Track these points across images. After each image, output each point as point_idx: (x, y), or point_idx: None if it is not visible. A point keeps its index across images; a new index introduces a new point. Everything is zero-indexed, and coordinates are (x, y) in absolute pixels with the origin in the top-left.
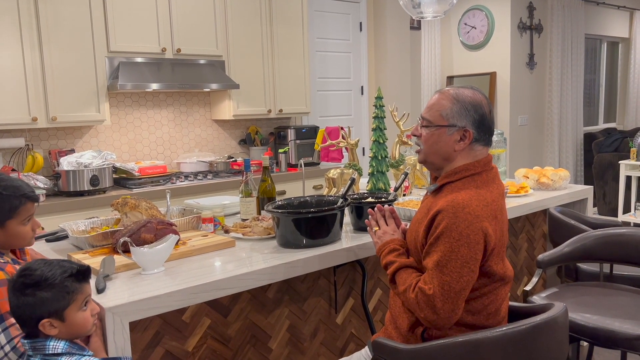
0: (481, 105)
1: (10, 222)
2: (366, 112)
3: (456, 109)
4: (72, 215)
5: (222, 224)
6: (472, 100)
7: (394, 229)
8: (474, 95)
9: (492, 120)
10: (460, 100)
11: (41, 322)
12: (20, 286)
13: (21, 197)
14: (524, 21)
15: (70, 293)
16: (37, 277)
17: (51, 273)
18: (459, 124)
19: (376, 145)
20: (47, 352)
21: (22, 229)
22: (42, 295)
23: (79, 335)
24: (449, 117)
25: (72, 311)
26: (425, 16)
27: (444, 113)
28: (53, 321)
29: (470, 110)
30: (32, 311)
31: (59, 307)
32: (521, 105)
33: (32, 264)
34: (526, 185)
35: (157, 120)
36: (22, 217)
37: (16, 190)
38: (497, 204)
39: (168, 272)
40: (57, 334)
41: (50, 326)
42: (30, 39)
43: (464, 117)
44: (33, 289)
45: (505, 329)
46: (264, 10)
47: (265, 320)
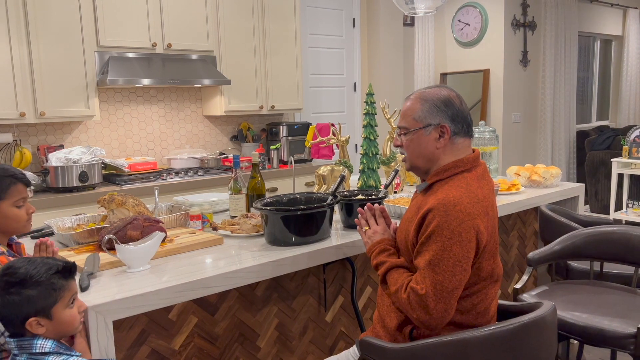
0: (449, 98)
1: (3, 204)
2: (359, 109)
3: (426, 109)
4: (61, 212)
5: (211, 221)
6: (439, 97)
7: (384, 228)
8: (441, 92)
9: (465, 111)
10: (428, 100)
11: (28, 321)
12: (5, 285)
13: (10, 178)
14: (517, 18)
15: (56, 290)
16: (21, 275)
17: (36, 270)
18: (433, 121)
19: (367, 142)
20: (33, 351)
21: (15, 211)
22: (28, 293)
23: (66, 333)
24: (422, 119)
25: (60, 309)
26: (417, 12)
27: (416, 116)
28: (40, 320)
29: (440, 107)
30: (18, 310)
31: (45, 304)
32: (514, 102)
33: (15, 262)
34: (518, 183)
35: (147, 116)
36: (14, 198)
37: (5, 171)
38: (488, 201)
39: (154, 270)
40: (45, 332)
41: (38, 325)
42: (18, 33)
43: (436, 114)
44: (18, 288)
45: (493, 328)
46: (256, 5)
47: (253, 319)
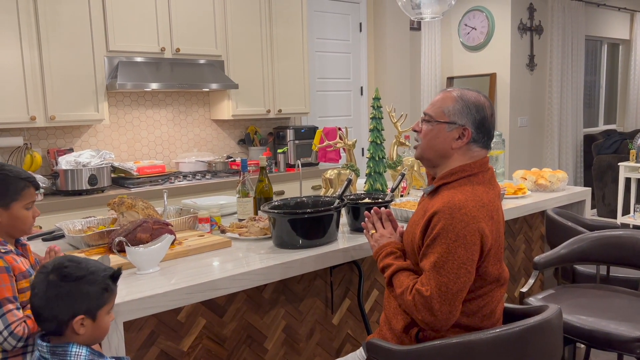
0: (484, 107)
1: (15, 205)
2: (365, 113)
3: (458, 107)
4: (70, 215)
5: (219, 224)
6: (475, 101)
7: (390, 231)
8: (478, 97)
9: (493, 124)
10: (464, 100)
11: (76, 318)
12: (64, 277)
13: (25, 181)
14: (524, 22)
15: (108, 292)
16: (83, 270)
17: (96, 268)
18: (459, 122)
19: (373, 146)
20: (68, 359)
21: (24, 213)
22: (86, 289)
23: (98, 340)
24: (450, 114)
25: (104, 312)
26: (423, 17)
27: (445, 110)
28: (85, 320)
29: (472, 110)
30: (71, 304)
31: (97, 304)
32: (521, 106)
33: (68, 258)
34: (524, 187)
35: (156, 119)
36: (26, 201)
37: (20, 174)
38: (494, 205)
39: (163, 272)
40: (83, 334)
41: (81, 325)
42: (29, 37)
43: (465, 116)
44: (78, 282)
45: (498, 331)
46: (264, 10)
47: (261, 321)
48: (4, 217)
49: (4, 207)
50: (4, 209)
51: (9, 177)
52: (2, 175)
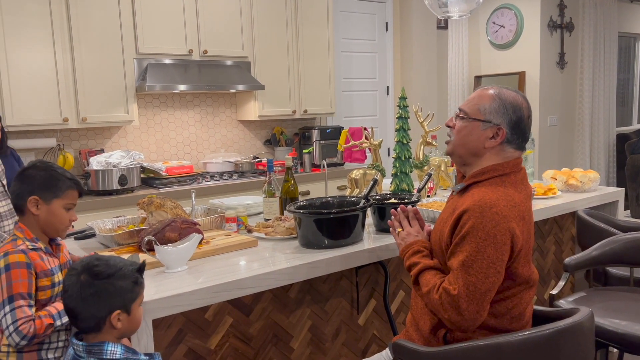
0: (521, 107)
1: (56, 201)
2: (391, 113)
3: (495, 106)
4: (101, 214)
5: (245, 223)
6: (512, 101)
7: (417, 230)
8: (516, 97)
9: (529, 126)
10: (501, 98)
11: (113, 313)
12: (97, 275)
13: (71, 181)
14: (554, 20)
15: (138, 286)
16: (113, 267)
17: (123, 264)
18: (495, 121)
19: (400, 145)
20: (104, 357)
21: (62, 212)
22: (120, 284)
23: (132, 332)
24: (486, 113)
25: (136, 305)
26: (450, 16)
27: (481, 108)
28: (121, 314)
29: (508, 110)
30: (108, 300)
31: (130, 298)
32: (551, 105)
33: (96, 257)
34: (554, 187)
35: (184, 120)
36: (66, 201)
37: (67, 174)
38: (525, 206)
39: (191, 271)
40: (120, 328)
41: (118, 320)
42: (62, 41)
43: (501, 116)
44: (111, 279)
45: (528, 333)
46: (290, 11)
47: (286, 320)
48: (43, 210)
49: (46, 201)
50: (45, 202)
51: (56, 174)
52: (51, 171)
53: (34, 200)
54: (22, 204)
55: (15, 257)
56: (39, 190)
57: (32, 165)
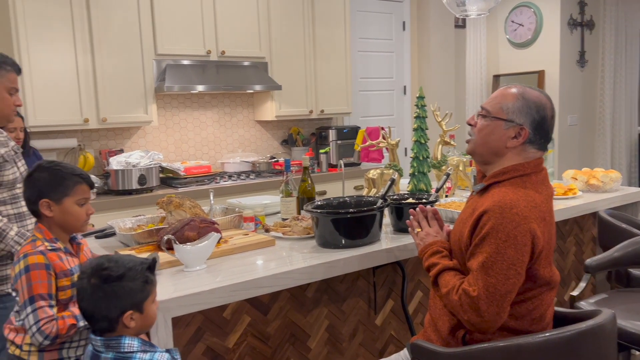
0: (545, 107)
1: (67, 200)
2: (408, 112)
3: (518, 105)
4: (121, 213)
5: (263, 223)
6: (536, 100)
7: (436, 230)
8: (540, 97)
9: (552, 126)
10: (525, 98)
11: (125, 314)
12: (106, 278)
13: (77, 177)
14: (574, 17)
15: (149, 284)
16: (122, 268)
17: (133, 264)
18: (517, 120)
19: (417, 145)
20: (122, 350)
21: (77, 209)
22: (130, 286)
23: (147, 328)
24: (509, 112)
25: (149, 303)
26: (469, 14)
27: (504, 106)
28: (134, 314)
29: (532, 109)
30: (118, 302)
31: (141, 298)
32: (571, 104)
33: (104, 259)
34: (575, 187)
35: (202, 121)
36: (78, 197)
37: (73, 170)
38: (546, 206)
39: (210, 270)
40: (134, 326)
41: (131, 319)
42: (82, 43)
43: (524, 115)
44: (120, 281)
45: (548, 335)
46: (307, 11)
47: (304, 320)
48: (56, 211)
49: (56, 202)
50: (56, 203)
51: (62, 173)
52: (56, 170)
53: (45, 204)
54: (35, 208)
55: (34, 258)
56: (47, 192)
57: (36, 167)
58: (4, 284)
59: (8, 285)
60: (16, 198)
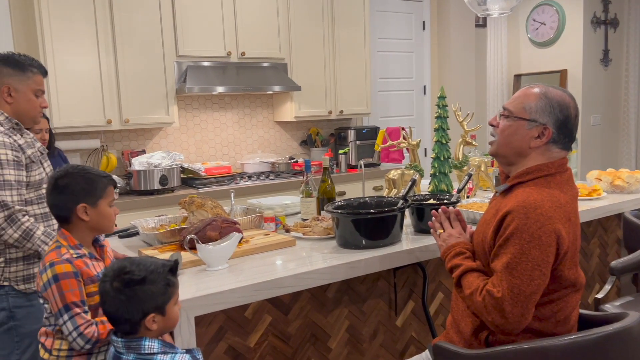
0: (568, 107)
1: (101, 202)
2: (428, 112)
3: (541, 105)
4: (143, 213)
5: (283, 223)
6: (559, 100)
7: (459, 231)
8: (563, 96)
9: (576, 125)
10: (548, 97)
11: (147, 317)
12: (128, 282)
13: (107, 179)
14: (597, 16)
15: (170, 287)
16: (143, 272)
17: (154, 267)
18: (541, 120)
19: (438, 145)
20: (142, 352)
21: (109, 210)
22: (151, 289)
23: (170, 329)
24: (532, 112)
25: (171, 305)
26: (491, 13)
27: (527, 106)
28: (156, 316)
29: (555, 109)
30: (140, 306)
31: (163, 301)
32: (594, 104)
33: (126, 262)
34: (599, 188)
35: (222, 122)
36: (109, 198)
37: (101, 173)
38: (571, 206)
39: (231, 269)
40: (156, 329)
41: (153, 322)
42: (105, 45)
43: (547, 115)
44: (141, 285)
45: (574, 337)
46: (326, 12)
47: (324, 320)
48: (92, 214)
49: (93, 205)
50: (92, 207)
51: (92, 176)
52: (89, 175)
53: (82, 209)
54: (69, 215)
55: (61, 267)
56: (83, 197)
57: (64, 173)
58: (31, 282)
59: (35, 284)
60: (42, 198)
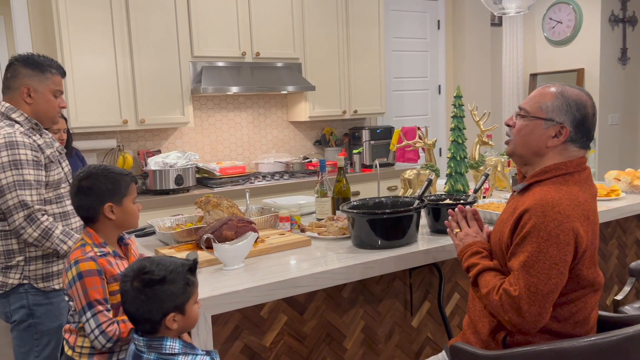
0: (585, 105)
1: (126, 200)
2: (443, 112)
3: (557, 104)
4: (159, 213)
5: (299, 223)
6: (576, 98)
7: (476, 231)
8: (580, 94)
9: (594, 124)
10: (564, 96)
11: (168, 316)
12: (148, 282)
13: (128, 176)
14: (615, 14)
15: (190, 286)
16: (163, 271)
17: (173, 267)
18: (557, 119)
19: (455, 145)
20: (164, 352)
21: (133, 207)
22: (171, 289)
23: (189, 328)
24: (548, 111)
25: (191, 304)
26: (507, 12)
27: (543, 106)
28: (176, 315)
29: (572, 108)
30: (160, 306)
31: (183, 300)
32: (612, 103)
33: (146, 262)
34: (617, 188)
35: (237, 122)
36: (133, 196)
37: (123, 171)
38: (590, 205)
39: (247, 269)
40: (177, 328)
41: (173, 321)
42: (122, 46)
43: (564, 114)
44: (161, 285)
45: (594, 339)
46: (341, 11)
47: (340, 320)
48: (118, 212)
49: (118, 204)
50: (118, 205)
51: (115, 175)
52: (112, 175)
53: (108, 208)
54: (95, 214)
55: (85, 265)
56: (108, 196)
57: (87, 175)
58: (50, 280)
59: (54, 282)
60: (60, 197)
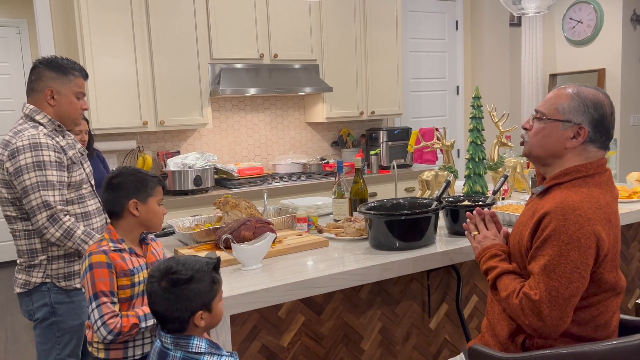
0: (602, 104)
1: (151, 200)
2: (462, 113)
3: (574, 105)
4: (178, 213)
5: (316, 223)
6: (593, 98)
7: (495, 233)
8: (596, 94)
9: (612, 123)
10: (581, 97)
11: (196, 314)
12: (176, 282)
13: (155, 178)
14: (637, 13)
15: (216, 284)
16: (190, 271)
17: (199, 266)
18: (575, 120)
19: (473, 146)
20: (190, 350)
21: (157, 208)
22: (199, 287)
23: (214, 326)
24: (565, 112)
25: (217, 301)
26: (526, 12)
27: (560, 107)
28: (203, 313)
29: (589, 108)
30: (189, 304)
31: (210, 298)
32: (634, 103)
33: (172, 263)
34: (639, 190)
35: (254, 123)
36: (158, 197)
37: (150, 174)
38: (611, 208)
39: (265, 269)
40: (204, 325)
41: (201, 319)
42: (142, 49)
43: (582, 114)
44: (189, 284)
45: (615, 343)
46: (358, 13)
47: (357, 321)
48: (142, 211)
49: (143, 202)
50: (143, 203)
51: (143, 176)
52: (140, 175)
53: (133, 204)
54: (120, 210)
55: (97, 257)
56: (134, 193)
57: (118, 173)
58: (72, 279)
59: (76, 281)
60: (82, 198)
